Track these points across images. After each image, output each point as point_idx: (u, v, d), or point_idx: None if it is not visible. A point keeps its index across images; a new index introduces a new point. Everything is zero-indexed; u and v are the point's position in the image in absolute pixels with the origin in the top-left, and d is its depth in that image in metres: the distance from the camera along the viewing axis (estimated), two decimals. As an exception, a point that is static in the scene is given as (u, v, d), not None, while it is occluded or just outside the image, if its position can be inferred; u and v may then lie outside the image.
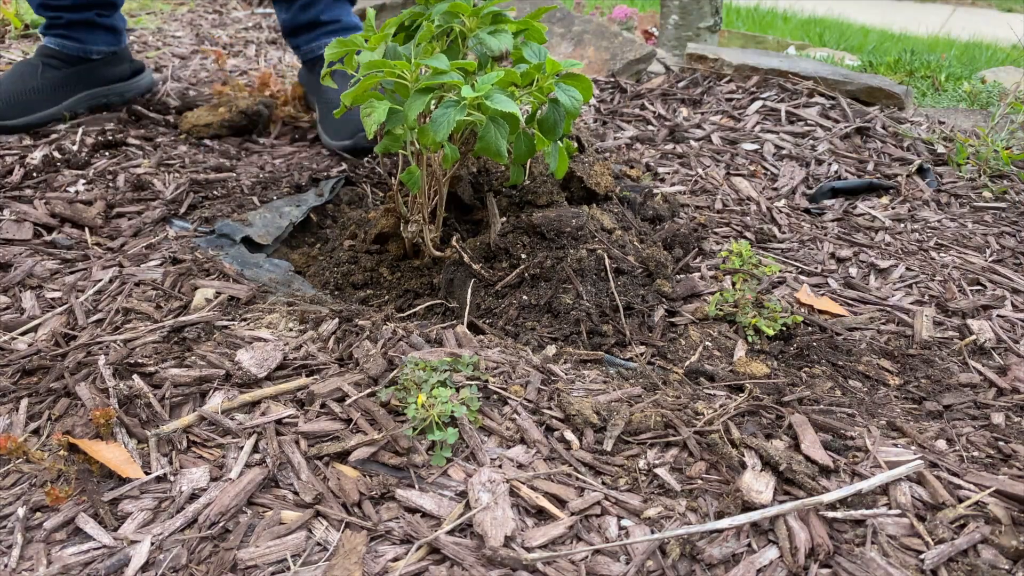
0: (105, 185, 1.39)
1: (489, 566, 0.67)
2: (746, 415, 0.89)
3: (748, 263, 1.27)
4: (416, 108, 0.94)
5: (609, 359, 1.00)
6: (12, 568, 0.67)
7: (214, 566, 0.67)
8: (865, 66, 3.41)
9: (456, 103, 0.93)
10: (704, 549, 0.70)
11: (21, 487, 0.76)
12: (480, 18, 1.03)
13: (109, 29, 1.67)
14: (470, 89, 0.92)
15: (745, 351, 1.08)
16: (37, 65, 1.61)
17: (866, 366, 1.07)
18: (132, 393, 0.86)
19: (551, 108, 1.03)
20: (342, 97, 1.00)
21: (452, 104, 0.93)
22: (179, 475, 0.76)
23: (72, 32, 1.62)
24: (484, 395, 0.87)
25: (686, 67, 2.20)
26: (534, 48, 1.04)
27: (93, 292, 1.08)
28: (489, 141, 0.94)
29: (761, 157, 1.70)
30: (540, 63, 1.01)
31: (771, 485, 0.77)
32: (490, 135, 0.94)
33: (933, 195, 1.62)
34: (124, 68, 1.74)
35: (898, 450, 0.85)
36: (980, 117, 2.16)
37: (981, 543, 0.73)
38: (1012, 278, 1.34)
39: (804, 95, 1.95)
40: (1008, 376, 1.08)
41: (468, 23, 1.03)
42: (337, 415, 0.84)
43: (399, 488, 0.75)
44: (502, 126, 0.95)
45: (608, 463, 0.80)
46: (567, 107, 1.02)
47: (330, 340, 0.98)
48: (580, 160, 1.38)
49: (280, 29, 2.18)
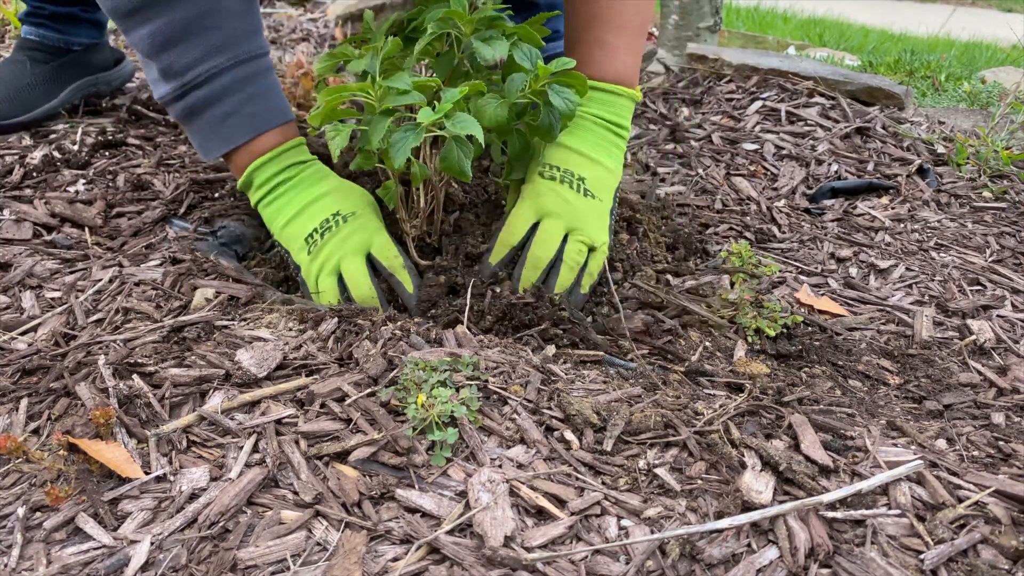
0: (105, 185, 1.39)
1: (489, 566, 0.67)
2: (746, 415, 0.89)
3: (748, 263, 1.27)
4: (378, 133, 0.93)
5: (609, 359, 1.00)
6: (12, 568, 0.67)
7: (214, 566, 0.67)
8: (865, 66, 3.41)
9: (415, 127, 0.92)
10: (704, 549, 0.70)
11: (21, 487, 0.76)
12: (475, 23, 1.02)
13: (92, 23, 1.68)
14: (429, 111, 0.92)
15: (745, 351, 1.08)
16: (24, 61, 1.61)
17: (866, 366, 1.07)
18: (132, 393, 0.86)
19: (545, 111, 1.03)
20: (309, 119, 1.01)
21: (411, 128, 0.93)
22: (179, 475, 0.76)
23: (54, 23, 1.62)
24: (484, 395, 0.87)
25: (686, 67, 2.20)
26: (525, 50, 1.03)
27: (93, 292, 1.08)
28: (452, 161, 0.94)
29: (761, 157, 1.70)
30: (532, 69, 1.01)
31: (771, 485, 0.77)
32: (452, 155, 0.94)
33: (933, 195, 1.62)
34: (107, 56, 1.74)
35: (898, 450, 0.85)
36: (980, 117, 2.16)
37: (981, 543, 0.73)
38: (1012, 278, 1.34)
39: (804, 95, 1.95)
40: (1008, 376, 1.08)
41: (464, 28, 1.03)
42: (337, 415, 0.84)
43: (399, 488, 0.75)
44: (465, 145, 0.94)
45: (608, 463, 0.80)
46: (561, 110, 1.02)
47: (330, 340, 0.98)
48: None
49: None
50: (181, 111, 1.09)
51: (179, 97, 1.08)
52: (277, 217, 1.11)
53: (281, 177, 1.11)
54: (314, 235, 1.08)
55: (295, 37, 2.48)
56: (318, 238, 1.08)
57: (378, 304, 1.07)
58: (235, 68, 1.07)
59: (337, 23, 2.57)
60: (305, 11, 2.78)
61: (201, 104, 1.08)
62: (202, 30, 1.04)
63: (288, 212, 1.10)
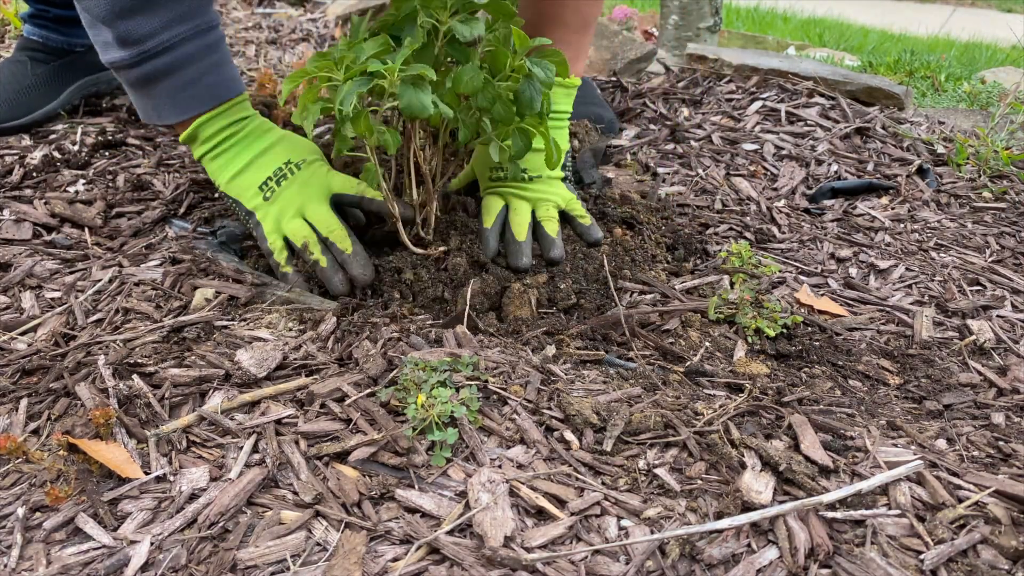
0: (105, 185, 1.39)
1: (489, 566, 0.67)
2: (746, 415, 0.89)
3: (748, 263, 1.27)
4: (347, 99, 0.93)
5: (609, 359, 1.00)
6: (12, 568, 0.67)
7: (214, 566, 0.67)
8: (865, 66, 3.41)
9: (364, 79, 0.93)
10: (704, 549, 0.70)
11: (21, 487, 0.76)
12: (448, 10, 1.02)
13: None
14: (378, 63, 0.92)
15: (745, 351, 1.08)
16: (25, 62, 1.60)
17: (866, 366, 1.07)
18: (132, 393, 0.86)
19: (525, 83, 1.03)
20: (293, 119, 1.01)
21: (360, 81, 0.93)
22: (179, 475, 0.76)
23: (58, 25, 1.62)
24: (484, 395, 0.87)
25: (686, 67, 2.20)
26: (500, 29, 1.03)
27: (93, 292, 1.08)
28: (411, 101, 0.94)
29: (761, 157, 1.70)
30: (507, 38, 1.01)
31: (771, 485, 0.77)
32: (408, 95, 0.94)
33: (933, 195, 1.62)
34: None
35: (898, 450, 0.84)
36: (980, 117, 2.16)
37: (981, 543, 0.73)
38: (1012, 278, 1.34)
39: (804, 95, 1.95)
40: (1008, 376, 1.08)
41: (441, 16, 1.02)
42: (337, 415, 0.84)
43: (399, 488, 0.75)
44: (421, 85, 0.94)
45: (608, 463, 0.80)
46: (542, 79, 1.02)
47: (330, 340, 0.98)
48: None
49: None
50: (135, 77, 1.09)
51: (135, 64, 1.08)
52: (225, 169, 1.14)
53: (228, 132, 1.14)
54: (268, 182, 1.13)
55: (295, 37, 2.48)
56: (274, 185, 1.13)
57: (349, 243, 1.11)
58: (196, 38, 1.08)
59: (337, 23, 2.57)
60: (305, 11, 2.78)
61: (160, 72, 1.08)
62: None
63: (237, 164, 1.13)
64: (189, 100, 1.11)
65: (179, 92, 1.10)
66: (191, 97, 1.11)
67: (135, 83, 1.11)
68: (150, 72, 1.08)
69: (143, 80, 1.09)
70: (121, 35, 1.05)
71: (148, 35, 1.05)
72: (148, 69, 1.08)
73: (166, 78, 1.09)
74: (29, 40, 1.63)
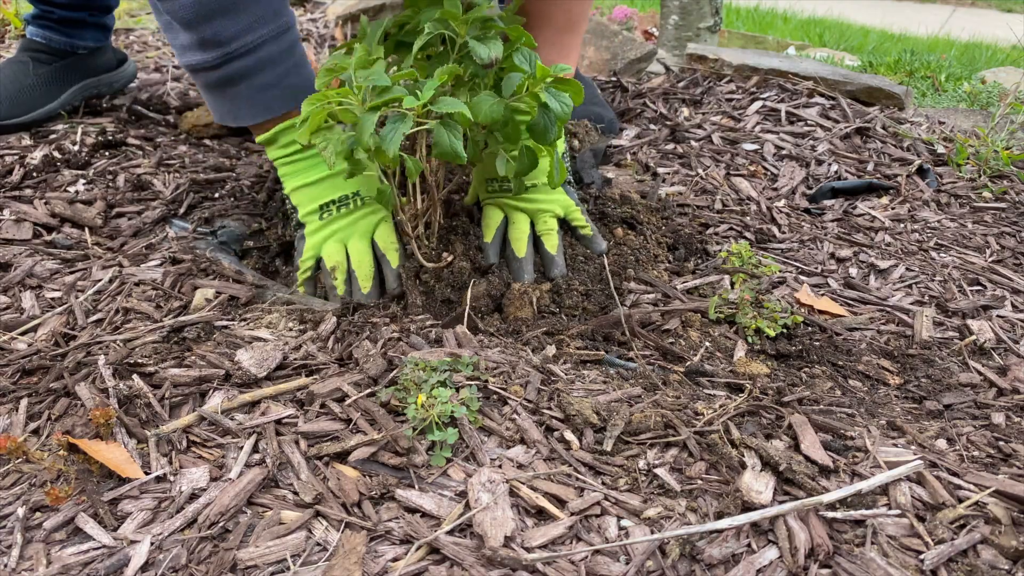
0: (105, 185, 1.39)
1: (489, 566, 0.67)
2: (746, 415, 0.89)
3: (748, 263, 1.27)
4: (367, 130, 0.93)
5: (609, 359, 1.00)
6: (12, 568, 0.67)
7: (214, 566, 0.67)
8: (865, 66, 3.41)
9: (402, 116, 0.93)
10: (704, 549, 0.70)
11: (21, 487, 0.76)
12: (469, 24, 1.02)
13: (99, 27, 1.68)
14: (413, 99, 0.92)
15: (745, 351, 1.08)
16: (26, 62, 1.61)
17: (866, 366, 1.07)
18: (132, 393, 0.86)
19: (541, 113, 1.03)
20: (296, 137, 1.01)
21: (398, 118, 0.93)
22: (179, 475, 0.76)
23: (61, 27, 1.63)
24: (484, 395, 0.87)
25: (686, 67, 2.20)
26: (525, 53, 1.03)
27: (93, 292, 1.08)
28: (444, 146, 0.94)
29: (761, 157, 1.70)
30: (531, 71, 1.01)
31: (771, 485, 0.77)
32: (443, 139, 0.94)
33: (933, 195, 1.62)
34: (110, 58, 1.75)
35: (898, 450, 0.84)
36: (980, 117, 2.16)
37: (981, 543, 0.73)
38: (1012, 278, 1.34)
39: (804, 95, 1.95)
40: (1008, 376, 1.08)
41: (459, 29, 1.02)
42: (337, 415, 0.84)
43: (399, 488, 0.75)
44: (454, 128, 0.94)
45: (608, 463, 0.80)
46: (557, 113, 1.02)
47: (330, 340, 0.98)
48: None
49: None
50: (216, 79, 1.09)
51: (218, 66, 1.07)
52: (296, 177, 1.15)
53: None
54: (331, 205, 1.14)
55: (295, 37, 2.48)
56: (334, 210, 1.14)
57: (369, 284, 1.13)
58: (278, 38, 1.09)
59: (337, 23, 2.57)
60: (305, 11, 2.78)
61: (241, 74, 1.08)
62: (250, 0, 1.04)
63: (310, 176, 1.14)
64: (270, 102, 1.12)
65: (259, 94, 1.10)
66: (272, 99, 1.11)
67: (215, 85, 1.10)
68: (232, 74, 1.08)
69: (224, 82, 1.09)
70: (205, 38, 1.05)
71: (232, 37, 1.05)
72: (230, 71, 1.07)
73: (247, 80, 1.09)
74: (32, 41, 1.63)
